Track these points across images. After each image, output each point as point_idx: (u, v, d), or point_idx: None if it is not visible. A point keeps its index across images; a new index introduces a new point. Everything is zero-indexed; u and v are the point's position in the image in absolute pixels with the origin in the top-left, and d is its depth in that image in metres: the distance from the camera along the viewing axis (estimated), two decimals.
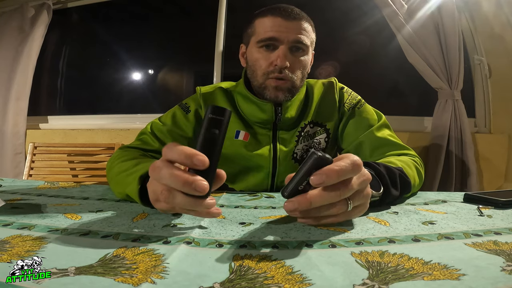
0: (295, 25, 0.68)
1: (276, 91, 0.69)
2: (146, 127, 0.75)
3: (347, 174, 0.34)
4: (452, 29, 1.49)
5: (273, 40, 0.68)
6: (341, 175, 0.33)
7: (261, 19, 0.70)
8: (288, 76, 0.69)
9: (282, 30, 0.67)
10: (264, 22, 0.69)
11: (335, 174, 0.33)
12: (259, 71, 0.70)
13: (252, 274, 0.26)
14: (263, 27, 0.69)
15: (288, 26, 0.67)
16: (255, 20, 0.71)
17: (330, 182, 0.33)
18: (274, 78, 0.69)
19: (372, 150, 0.72)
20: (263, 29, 0.69)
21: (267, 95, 0.71)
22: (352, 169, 0.34)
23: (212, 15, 1.90)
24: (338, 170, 0.33)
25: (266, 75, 0.69)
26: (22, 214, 0.43)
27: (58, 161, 1.81)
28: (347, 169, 0.33)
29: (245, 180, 0.76)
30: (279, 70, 0.68)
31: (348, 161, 0.34)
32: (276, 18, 0.68)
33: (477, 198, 0.54)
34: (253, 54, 0.71)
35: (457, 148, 1.49)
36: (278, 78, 0.68)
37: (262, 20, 0.69)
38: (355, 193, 0.36)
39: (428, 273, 0.26)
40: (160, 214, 0.44)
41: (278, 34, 0.67)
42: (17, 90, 1.89)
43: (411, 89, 1.82)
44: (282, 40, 0.67)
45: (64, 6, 2.12)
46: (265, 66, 0.69)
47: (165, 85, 2.15)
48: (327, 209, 0.36)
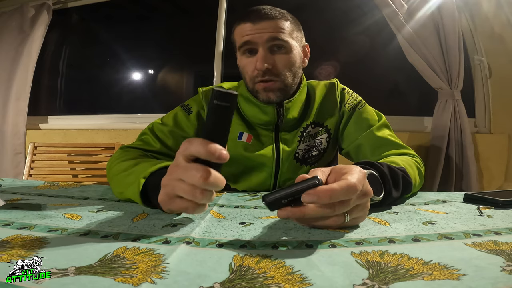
0: (267, 24, 0.68)
1: (266, 93, 0.70)
2: (147, 127, 0.75)
3: (340, 197, 0.34)
4: (452, 29, 1.49)
5: (249, 45, 0.69)
6: (333, 198, 0.33)
7: (237, 27, 0.72)
8: (273, 77, 0.69)
9: (254, 33, 0.67)
10: (239, 30, 0.71)
11: (327, 197, 0.33)
12: (247, 76, 0.72)
13: (252, 274, 0.26)
14: (239, 35, 0.70)
15: (259, 28, 0.67)
16: (234, 29, 0.73)
17: (321, 203, 0.34)
18: (260, 81, 0.69)
19: (372, 149, 0.72)
20: (239, 37, 0.70)
21: (260, 99, 0.71)
22: (345, 193, 0.34)
23: (212, 15, 1.90)
24: (330, 193, 0.33)
25: (253, 80, 0.70)
26: (22, 214, 0.43)
27: (58, 161, 1.80)
28: (340, 193, 0.33)
29: (247, 180, 0.76)
30: (262, 74, 0.68)
31: (344, 184, 0.34)
32: (246, 24, 0.69)
33: (477, 198, 0.54)
34: (240, 61, 0.73)
35: (457, 148, 1.49)
36: (264, 80, 0.69)
37: (237, 28, 0.71)
38: (353, 207, 0.37)
39: (428, 273, 0.26)
40: (160, 214, 0.44)
41: (250, 38, 0.68)
42: (17, 90, 1.89)
43: (411, 89, 1.82)
44: (256, 43, 0.68)
45: (64, 6, 2.12)
46: (250, 72, 0.70)
47: (165, 85, 2.15)
48: (323, 221, 0.36)
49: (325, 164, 0.79)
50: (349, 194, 0.34)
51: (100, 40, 2.21)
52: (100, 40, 2.21)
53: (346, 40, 1.81)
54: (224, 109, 0.33)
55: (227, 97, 0.33)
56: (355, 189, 0.34)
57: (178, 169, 0.36)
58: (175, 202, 0.38)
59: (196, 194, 0.35)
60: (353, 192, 0.34)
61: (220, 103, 0.33)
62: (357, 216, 0.38)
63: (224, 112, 0.33)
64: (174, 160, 0.38)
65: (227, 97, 0.33)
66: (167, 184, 0.38)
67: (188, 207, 0.37)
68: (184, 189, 0.36)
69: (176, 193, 0.37)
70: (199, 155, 0.34)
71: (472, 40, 1.65)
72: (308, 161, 0.76)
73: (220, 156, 0.33)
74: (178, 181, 0.37)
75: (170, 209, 0.40)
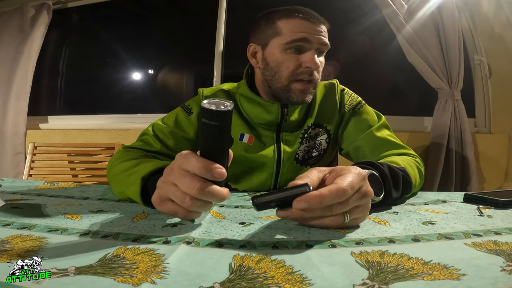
0: (323, 28, 0.68)
1: (302, 94, 0.69)
2: (148, 128, 0.75)
3: (330, 201, 0.34)
4: (452, 29, 1.49)
5: (304, 41, 0.66)
6: (324, 203, 0.34)
7: (286, 20, 0.67)
8: (315, 79, 0.69)
9: (312, 33, 0.66)
10: (292, 24, 0.67)
11: (317, 202, 0.33)
12: (285, 73, 0.68)
13: (252, 274, 0.26)
14: (291, 29, 0.66)
15: (316, 29, 0.66)
16: (278, 21, 0.68)
17: (312, 208, 0.34)
18: (301, 80, 0.68)
19: (372, 150, 0.72)
20: (292, 31, 0.66)
21: (292, 98, 0.69)
22: (335, 197, 0.34)
23: (212, 15, 1.90)
24: (320, 199, 0.33)
25: (293, 77, 0.68)
26: (22, 214, 0.43)
27: (58, 161, 1.80)
28: (329, 198, 0.34)
29: (248, 180, 0.76)
30: (310, 73, 0.67)
31: (333, 189, 0.34)
32: (304, 21, 0.66)
33: (477, 198, 0.54)
34: (277, 55, 0.69)
35: (457, 148, 1.49)
36: (307, 80, 0.68)
37: (288, 22, 0.67)
38: (353, 207, 0.37)
39: (428, 273, 0.26)
40: (160, 214, 0.44)
41: (309, 36, 0.66)
42: (17, 90, 1.89)
43: (411, 89, 1.82)
44: (312, 42, 0.66)
45: (64, 6, 2.12)
46: (292, 68, 0.67)
47: (165, 85, 2.15)
48: (322, 220, 0.37)
49: (325, 165, 0.79)
50: (339, 198, 0.34)
51: (100, 40, 2.21)
52: (100, 40, 2.21)
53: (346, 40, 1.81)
54: (214, 127, 0.31)
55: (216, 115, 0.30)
56: (344, 193, 0.34)
57: (173, 173, 0.37)
58: (166, 205, 0.38)
59: (186, 200, 0.35)
60: (343, 196, 0.34)
61: (208, 122, 0.30)
62: (358, 216, 0.38)
63: (215, 130, 0.31)
64: (171, 163, 0.38)
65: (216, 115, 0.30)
66: (161, 186, 0.39)
67: (178, 212, 0.37)
68: (175, 194, 0.36)
69: (168, 196, 0.38)
70: (194, 172, 0.34)
71: (472, 40, 1.65)
72: (308, 162, 0.76)
73: (216, 175, 0.33)
74: (171, 185, 0.37)
75: (161, 211, 0.40)
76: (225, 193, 0.35)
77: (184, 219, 0.41)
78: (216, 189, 0.35)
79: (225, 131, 0.32)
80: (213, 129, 0.32)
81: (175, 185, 0.36)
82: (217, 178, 0.33)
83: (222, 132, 0.32)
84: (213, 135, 0.33)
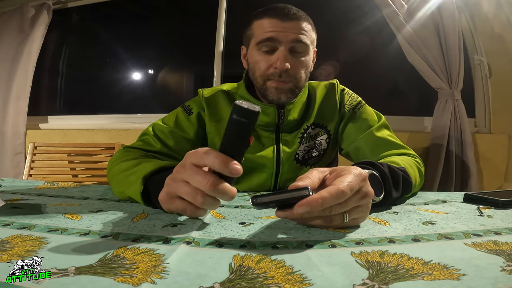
0: (293, 25, 0.67)
1: (278, 93, 0.69)
2: (148, 128, 0.75)
3: (331, 203, 0.34)
4: (452, 29, 1.49)
5: (271, 41, 0.67)
6: (325, 205, 0.34)
7: (258, 20, 0.69)
8: (288, 79, 0.68)
9: (280, 31, 0.66)
10: (262, 24, 0.68)
11: (319, 205, 0.33)
12: (258, 73, 0.70)
13: (252, 274, 0.26)
14: (261, 29, 0.68)
15: (286, 27, 0.66)
16: (253, 22, 0.70)
17: (313, 212, 0.34)
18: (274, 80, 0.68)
19: (372, 150, 0.72)
20: (261, 31, 0.68)
21: (269, 97, 0.70)
22: (335, 199, 0.34)
23: (212, 15, 1.90)
24: (322, 201, 0.33)
25: (265, 77, 0.69)
26: (22, 214, 0.43)
27: (58, 161, 1.80)
28: (330, 200, 0.34)
29: (248, 180, 0.76)
30: (279, 73, 0.67)
31: (333, 191, 0.34)
32: (273, 19, 0.67)
33: (477, 198, 0.54)
34: (253, 56, 0.71)
35: (457, 148, 1.49)
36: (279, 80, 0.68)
37: (260, 22, 0.69)
38: (353, 208, 0.37)
39: (428, 273, 0.26)
40: (160, 214, 0.44)
41: (276, 35, 0.66)
42: (17, 90, 1.89)
43: (411, 89, 1.82)
44: (280, 41, 0.66)
45: (64, 6, 2.12)
46: (264, 69, 0.68)
47: (165, 85, 2.15)
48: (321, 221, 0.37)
49: (325, 165, 0.79)
50: (339, 200, 0.35)
51: (100, 40, 2.21)
52: (100, 40, 2.21)
53: (346, 40, 1.81)
54: (243, 125, 0.32)
55: (247, 114, 0.31)
56: (343, 195, 0.34)
57: (184, 170, 0.36)
58: (175, 202, 0.38)
59: (197, 197, 0.35)
60: (342, 197, 0.35)
61: (239, 118, 0.32)
62: (358, 216, 0.38)
63: (243, 128, 0.33)
64: (182, 161, 0.38)
65: (247, 113, 0.31)
66: (170, 183, 0.39)
67: (186, 209, 0.37)
68: (186, 190, 0.36)
69: (178, 194, 0.37)
70: (213, 168, 0.34)
71: (472, 40, 1.65)
72: (308, 162, 0.76)
73: (234, 171, 0.34)
74: (182, 182, 0.37)
75: (169, 209, 0.40)
76: (234, 192, 0.36)
77: (191, 216, 0.41)
78: (228, 187, 0.35)
79: (249, 131, 0.34)
80: (240, 126, 0.33)
81: (185, 183, 0.36)
82: (234, 174, 0.34)
83: (248, 131, 0.33)
84: (238, 132, 0.33)
